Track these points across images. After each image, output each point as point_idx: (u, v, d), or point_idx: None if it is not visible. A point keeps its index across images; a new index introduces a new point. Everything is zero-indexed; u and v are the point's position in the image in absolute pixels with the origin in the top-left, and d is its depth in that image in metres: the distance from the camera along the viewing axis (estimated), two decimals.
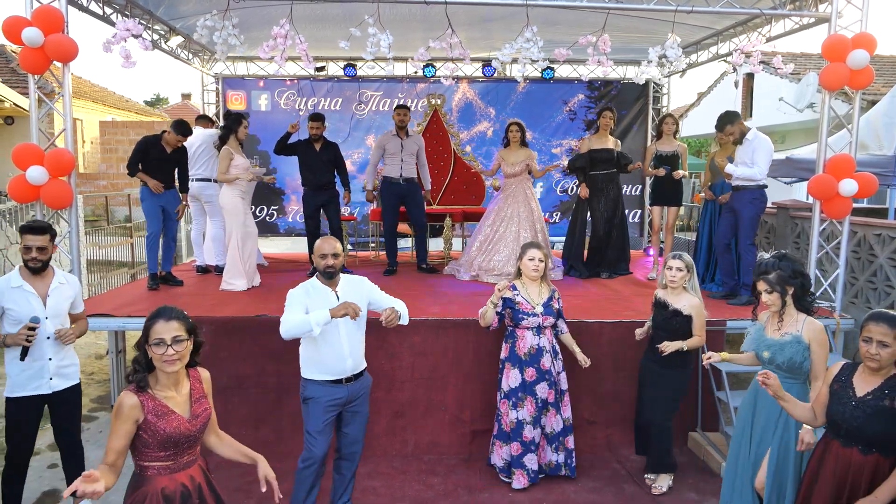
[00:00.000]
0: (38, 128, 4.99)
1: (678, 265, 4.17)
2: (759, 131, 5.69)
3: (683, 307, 4.16)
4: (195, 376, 2.64)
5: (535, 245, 4.36)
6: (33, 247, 3.57)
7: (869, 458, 2.72)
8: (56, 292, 3.67)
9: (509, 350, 4.34)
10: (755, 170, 5.53)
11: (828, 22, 5.40)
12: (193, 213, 7.28)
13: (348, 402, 3.68)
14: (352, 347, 3.65)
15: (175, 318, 2.49)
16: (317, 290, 3.61)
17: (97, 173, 17.92)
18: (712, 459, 4.77)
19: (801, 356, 3.23)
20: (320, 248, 3.59)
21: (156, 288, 6.14)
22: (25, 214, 8.27)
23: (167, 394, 2.50)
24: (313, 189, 6.85)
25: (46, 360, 3.64)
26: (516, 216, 6.79)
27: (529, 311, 4.24)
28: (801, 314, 3.30)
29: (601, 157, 6.90)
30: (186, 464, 2.55)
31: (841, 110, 5.77)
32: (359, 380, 3.73)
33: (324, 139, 6.91)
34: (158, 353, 2.43)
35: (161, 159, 6.02)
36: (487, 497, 4.28)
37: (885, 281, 5.43)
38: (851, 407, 2.75)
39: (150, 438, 2.43)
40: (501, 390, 4.38)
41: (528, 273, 4.29)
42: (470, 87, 9.24)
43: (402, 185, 7.06)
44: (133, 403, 2.41)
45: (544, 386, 4.30)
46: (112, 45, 5.24)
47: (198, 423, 2.55)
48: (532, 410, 4.28)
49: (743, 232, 5.73)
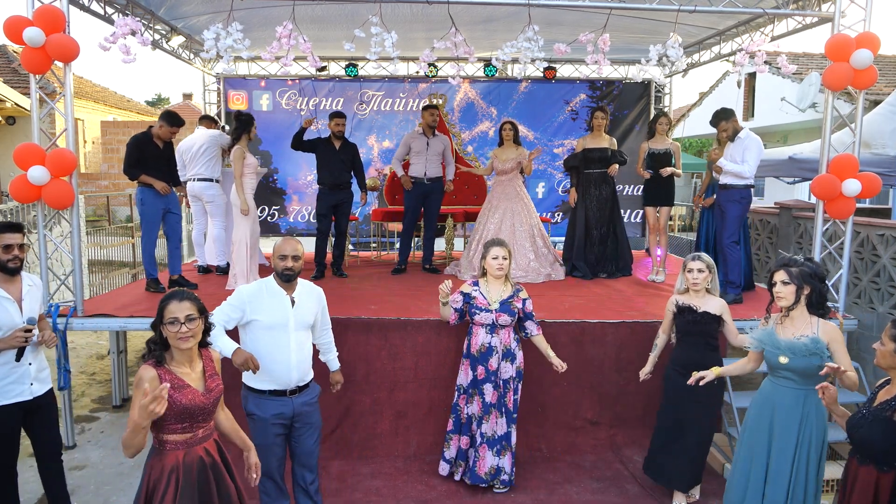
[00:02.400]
0: (39, 128, 4.98)
1: (699, 266, 4.05)
2: (752, 132, 5.76)
3: (712, 308, 4.04)
4: (207, 355, 2.82)
5: (499, 243, 4.28)
6: (14, 244, 3.52)
7: (863, 469, 2.72)
8: (28, 296, 3.64)
9: (466, 346, 4.34)
10: (744, 167, 5.61)
11: (831, 21, 5.39)
12: (194, 214, 7.26)
13: (295, 416, 3.49)
14: (299, 358, 3.46)
15: (187, 298, 2.68)
16: (271, 291, 3.45)
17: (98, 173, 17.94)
18: (715, 460, 4.76)
19: (818, 359, 3.12)
20: (281, 248, 3.42)
21: (156, 291, 5.98)
22: (26, 214, 8.28)
23: (182, 370, 2.67)
24: (330, 188, 6.81)
25: (27, 365, 3.59)
26: (510, 211, 6.82)
27: (484, 306, 4.21)
28: (814, 317, 3.22)
29: (595, 157, 6.94)
30: (202, 437, 2.70)
31: (844, 110, 5.76)
32: (305, 392, 3.53)
33: (343, 138, 6.91)
34: (173, 330, 2.60)
35: (157, 157, 5.86)
36: (489, 498, 4.27)
37: (888, 281, 5.41)
38: (861, 416, 2.76)
39: (168, 410, 2.53)
40: (459, 385, 4.40)
41: (492, 272, 4.25)
42: (472, 87, 9.23)
43: (426, 184, 7.03)
44: (152, 376, 2.56)
45: (490, 387, 4.24)
46: (110, 43, 5.22)
47: (211, 396, 2.71)
48: (479, 409, 4.26)
49: (727, 230, 5.79)
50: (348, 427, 4.94)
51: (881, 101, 7.93)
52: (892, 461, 2.65)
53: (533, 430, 4.94)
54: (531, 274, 6.74)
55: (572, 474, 4.63)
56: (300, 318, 3.48)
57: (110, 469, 4.83)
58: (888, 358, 2.70)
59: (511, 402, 4.29)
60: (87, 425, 5.66)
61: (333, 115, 6.83)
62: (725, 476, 4.58)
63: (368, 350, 4.97)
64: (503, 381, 4.25)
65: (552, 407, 5.02)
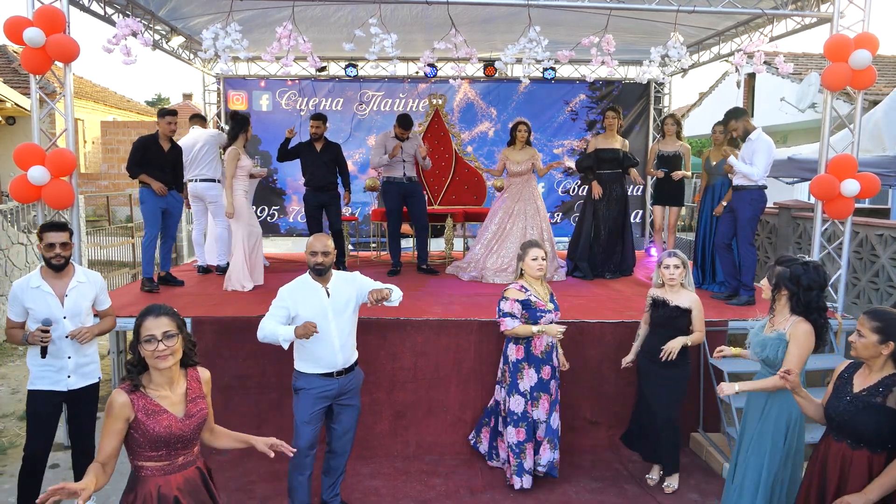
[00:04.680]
0: (39, 128, 4.99)
1: (675, 262, 4.22)
2: (764, 133, 5.66)
3: (683, 303, 4.21)
4: (194, 376, 2.62)
5: (536, 244, 4.34)
6: (56, 243, 3.61)
7: (857, 452, 2.75)
8: (74, 291, 3.70)
9: (524, 351, 4.26)
10: (753, 169, 5.53)
11: (830, 22, 5.40)
12: (194, 214, 7.27)
13: (339, 394, 3.80)
14: (342, 342, 3.75)
15: (164, 314, 2.48)
16: (308, 286, 3.74)
17: (98, 173, 17.94)
18: (714, 460, 4.76)
19: (781, 353, 3.24)
20: (311, 245, 3.71)
21: (150, 290, 6.04)
22: (26, 214, 8.28)
23: (161, 392, 2.49)
24: (314, 189, 6.88)
25: (65, 359, 3.68)
26: (523, 213, 6.82)
27: (544, 307, 4.24)
28: (795, 316, 3.27)
29: (607, 157, 6.94)
30: (182, 465, 2.52)
31: (843, 110, 5.76)
32: (350, 373, 3.84)
33: (325, 139, 6.91)
34: (150, 349, 2.42)
35: (160, 158, 5.96)
36: (489, 497, 4.28)
37: (887, 281, 5.42)
38: (846, 402, 2.79)
39: (142, 437, 2.42)
40: (518, 392, 4.27)
41: (531, 272, 4.26)
42: (471, 87, 9.23)
43: (405, 184, 7.05)
44: (123, 402, 2.41)
45: (555, 383, 4.35)
46: (113, 45, 5.24)
47: (192, 423, 2.51)
48: (546, 408, 4.30)
49: (742, 232, 5.73)
50: None
51: (880, 101, 7.94)
52: (886, 443, 2.70)
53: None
54: None
55: (571, 474, 4.63)
56: (337, 307, 3.74)
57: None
58: (869, 349, 2.74)
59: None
60: None
61: (311, 118, 6.88)
62: (724, 476, 4.58)
63: (367, 350, 4.96)
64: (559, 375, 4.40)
65: None
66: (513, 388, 4.28)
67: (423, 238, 7.39)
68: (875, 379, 2.76)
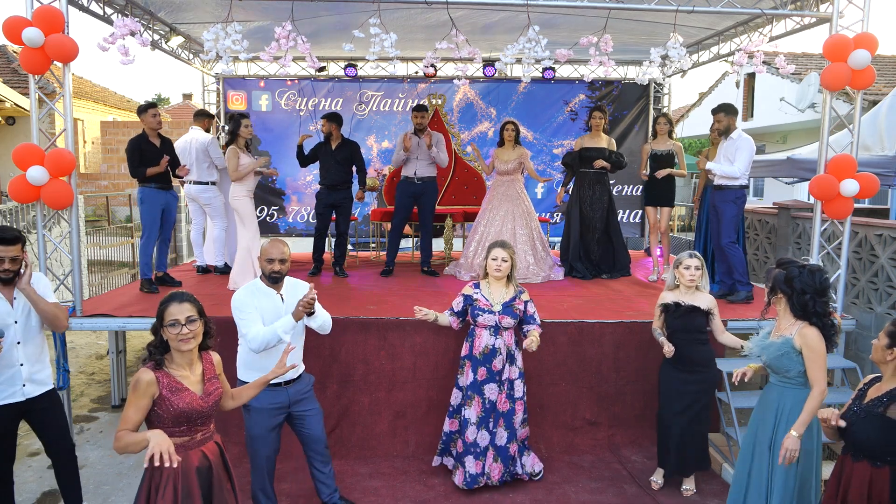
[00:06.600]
0: (38, 128, 4.99)
1: (696, 264, 4.16)
2: (745, 133, 5.78)
3: (701, 304, 4.16)
4: (207, 359, 2.83)
5: (502, 245, 4.28)
6: (6, 258, 3.44)
7: (858, 465, 2.74)
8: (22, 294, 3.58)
9: (468, 348, 4.30)
10: (735, 167, 5.64)
11: (829, 22, 5.40)
12: (193, 213, 7.28)
13: (292, 404, 3.68)
14: (293, 352, 3.47)
15: (187, 300, 2.70)
16: (262, 292, 3.63)
17: (98, 173, 17.92)
18: (714, 460, 4.75)
19: (788, 359, 3.17)
20: (268, 252, 3.57)
21: (150, 292, 6.01)
22: (26, 214, 8.28)
23: (181, 373, 2.67)
24: (327, 188, 6.91)
25: (18, 367, 3.53)
26: (510, 214, 6.83)
27: (486, 307, 4.20)
28: (800, 321, 3.22)
29: (591, 156, 6.96)
30: (201, 440, 2.71)
31: (842, 110, 5.76)
32: (298, 381, 3.72)
33: (341, 137, 6.97)
34: (174, 332, 2.61)
35: (155, 154, 5.96)
36: (488, 498, 4.27)
37: (886, 281, 5.41)
38: (853, 413, 2.79)
39: (165, 413, 2.57)
40: (457, 386, 4.39)
41: (491, 272, 4.25)
42: (471, 87, 9.22)
43: (417, 184, 7.04)
44: (150, 379, 2.57)
45: (493, 387, 4.21)
46: (109, 44, 5.24)
47: (210, 400, 2.71)
48: (478, 411, 4.21)
49: (724, 230, 5.83)
50: (346, 427, 4.94)
51: (879, 101, 7.94)
52: (886, 456, 2.68)
53: (531, 430, 4.92)
54: (530, 276, 6.74)
55: (571, 474, 4.64)
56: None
57: (109, 469, 4.83)
58: (880, 352, 2.75)
59: (518, 408, 4.30)
60: (85, 425, 5.67)
61: (322, 117, 7.01)
62: (724, 476, 4.59)
63: (367, 350, 4.97)
64: (509, 382, 4.25)
65: (551, 407, 5.02)
66: (456, 381, 4.40)
67: (427, 239, 7.38)
68: (883, 390, 2.75)
